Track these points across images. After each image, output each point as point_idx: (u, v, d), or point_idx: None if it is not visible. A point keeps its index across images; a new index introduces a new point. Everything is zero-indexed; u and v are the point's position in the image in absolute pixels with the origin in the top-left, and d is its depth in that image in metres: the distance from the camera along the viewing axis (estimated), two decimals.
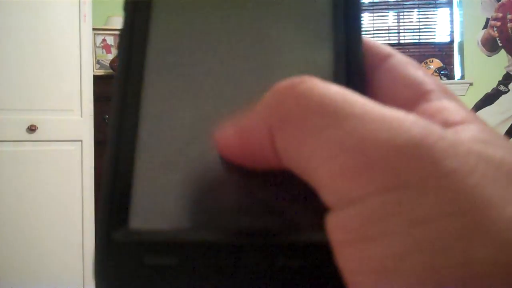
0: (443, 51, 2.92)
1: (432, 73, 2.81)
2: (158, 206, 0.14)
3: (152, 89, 0.16)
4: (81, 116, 1.96)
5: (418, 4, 2.96)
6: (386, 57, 0.16)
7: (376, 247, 0.11)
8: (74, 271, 1.91)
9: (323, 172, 0.12)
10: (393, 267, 0.10)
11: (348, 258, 0.11)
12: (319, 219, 0.12)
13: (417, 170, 0.11)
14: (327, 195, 0.12)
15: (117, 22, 2.73)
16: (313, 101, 0.12)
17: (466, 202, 0.10)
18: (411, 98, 0.15)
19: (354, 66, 0.16)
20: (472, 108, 2.77)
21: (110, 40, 2.69)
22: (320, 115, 0.12)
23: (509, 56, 2.78)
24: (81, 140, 1.95)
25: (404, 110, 0.12)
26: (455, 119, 0.14)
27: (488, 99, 2.77)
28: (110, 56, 2.62)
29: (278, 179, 0.14)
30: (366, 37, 0.17)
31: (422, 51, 2.93)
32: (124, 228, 0.14)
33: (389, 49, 0.17)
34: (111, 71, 2.45)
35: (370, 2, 2.97)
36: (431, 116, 0.14)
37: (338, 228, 0.11)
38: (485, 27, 2.81)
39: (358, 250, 0.11)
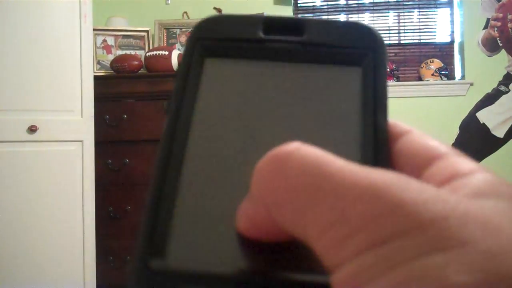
0: (444, 51, 2.92)
1: (433, 73, 2.81)
2: (194, 241, 0.16)
3: (198, 134, 0.18)
4: (81, 117, 1.97)
5: (419, 4, 2.96)
6: (403, 133, 0.18)
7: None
8: (74, 271, 1.91)
9: (317, 245, 0.13)
10: None
11: None
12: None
13: (396, 224, 0.12)
14: (325, 261, 0.13)
15: (118, 22, 2.73)
16: (294, 174, 0.14)
17: (446, 242, 0.12)
18: (426, 160, 0.17)
19: (381, 142, 0.18)
20: (473, 108, 2.77)
21: (111, 41, 2.69)
22: (304, 189, 0.14)
23: (510, 56, 2.77)
24: (81, 141, 1.95)
25: (418, 172, 0.15)
26: (465, 170, 0.15)
27: (489, 99, 2.77)
28: (111, 57, 2.63)
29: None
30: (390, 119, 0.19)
31: (423, 51, 2.93)
32: (162, 257, 0.15)
33: (408, 127, 0.19)
34: (112, 71, 2.46)
35: (370, 2, 2.97)
36: (442, 170, 0.16)
37: (337, 284, 0.13)
38: (485, 27, 2.81)
39: None
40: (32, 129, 1.87)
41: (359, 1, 2.97)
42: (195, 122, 0.18)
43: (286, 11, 2.87)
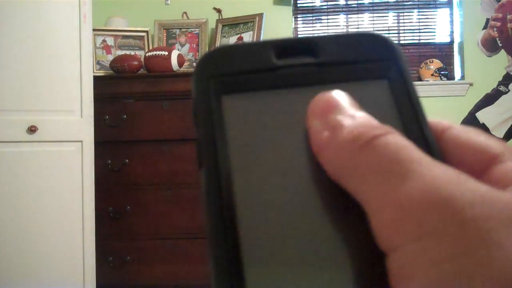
0: (443, 52, 2.92)
1: (432, 74, 2.81)
2: (269, 267, 0.15)
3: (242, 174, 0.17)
4: (81, 117, 1.97)
5: (418, 4, 2.96)
6: (445, 129, 0.18)
7: (410, 284, 0.13)
8: (74, 271, 1.91)
9: (375, 221, 0.14)
10: None
11: None
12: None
13: (441, 220, 0.13)
14: (379, 242, 0.15)
15: (117, 22, 2.73)
16: (385, 158, 0.15)
17: (477, 243, 0.12)
18: (479, 163, 0.17)
19: (432, 148, 0.17)
20: (472, 109, 2.77)
21: (110, 41, 2.69)
22: (387, 172, 0.14)
23: (509, 56, 2.78)
24: (81, 141, 1.96)
25: (473, 176, 0.15)
26: None
27: (488, 100, 2.77)
28: (110, 57, 2.63)
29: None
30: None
31: (422, 52, 2.93)
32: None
33: (447, 122, 0.18)
34: (111, 71, 2.46)
35: (369, 3, 2.97)
36: (501, 178, 0.16)
37: (389, 270, 0.14)
38: (485, 27, 2.81)
39: (401, 286, 0.14)
40: (31, 130, 1.87)
41: (359, 2, 2.97)
42: (235, 166, 0.17)
43: (286, 11, 2.87)
